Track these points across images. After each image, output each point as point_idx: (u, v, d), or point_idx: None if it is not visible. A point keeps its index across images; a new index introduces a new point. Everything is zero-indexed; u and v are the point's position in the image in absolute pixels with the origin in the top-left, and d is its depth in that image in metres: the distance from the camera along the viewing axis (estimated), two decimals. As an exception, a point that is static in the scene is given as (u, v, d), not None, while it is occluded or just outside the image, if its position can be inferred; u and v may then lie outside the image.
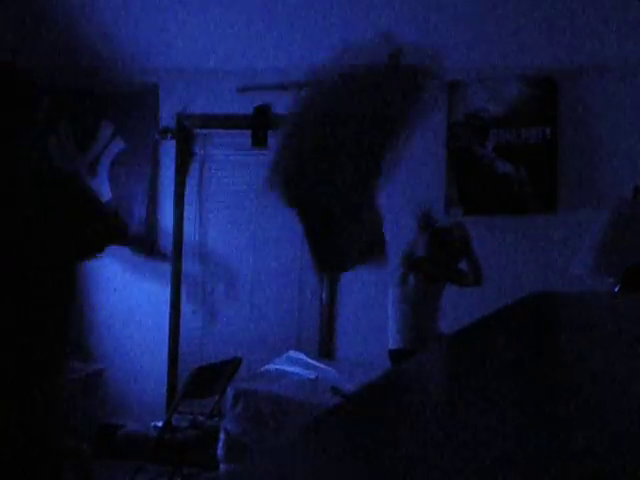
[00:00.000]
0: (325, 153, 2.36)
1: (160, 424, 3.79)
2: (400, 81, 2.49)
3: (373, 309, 4.30)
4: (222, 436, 3.40)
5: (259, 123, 4.47)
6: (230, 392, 3.43)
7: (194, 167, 4.76)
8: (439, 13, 3.92)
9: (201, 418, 3.94)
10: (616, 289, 2.56)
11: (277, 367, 3.91)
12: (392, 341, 3.57)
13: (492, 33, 4.01)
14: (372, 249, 2.67)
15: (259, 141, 4.47)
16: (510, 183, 4.16)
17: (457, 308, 3.64)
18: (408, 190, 4.32)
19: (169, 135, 4.68)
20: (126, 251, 4.69)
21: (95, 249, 1.93)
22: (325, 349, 4.45)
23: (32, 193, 1.77)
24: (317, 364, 4.06)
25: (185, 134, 4.71)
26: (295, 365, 3.96)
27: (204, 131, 4.73)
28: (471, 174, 4.24)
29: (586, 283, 3.19)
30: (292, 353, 4.23)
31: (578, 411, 0.54)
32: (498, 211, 4.20)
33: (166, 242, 4.68)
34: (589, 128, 4.14)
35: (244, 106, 4.50)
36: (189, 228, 4.76)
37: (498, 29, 3.98)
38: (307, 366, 3.99)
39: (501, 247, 4.18)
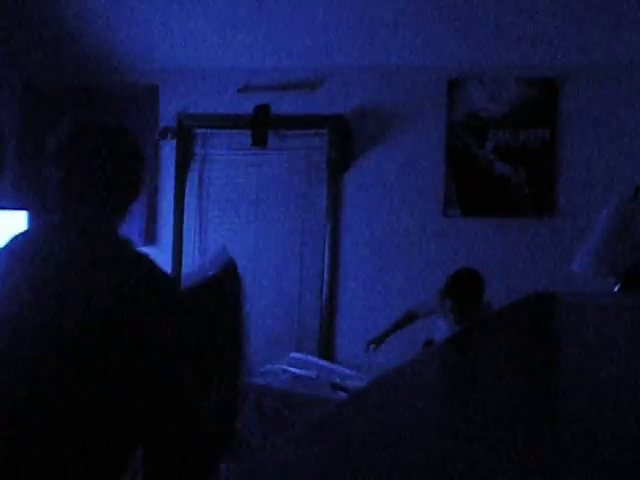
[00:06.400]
0: None
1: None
2: None
3: (374, 309, 4.30)
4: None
5: (259, 123, 4.46)
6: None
7: (194, 167, 4.76)
8: (438, 11, 3.93)
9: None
10: (616, 289, 2.55)
11: (277, 367, 3.91)
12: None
13: (493, 32, 4.01)
14: None
15: (259, 141, 4.46)
16: (508, 185, 4.16)
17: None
18: (406, 190, 4.33)
19: (169, 135, 4.68)
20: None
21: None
22: (325, 349, 4.44)
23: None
24: (318, 362, 4.06)
25: (185, 134, 4.71)
26: (296, 365, 3.96)
27: (204, 131, 4.73)
28: (470, 175, 4.23)
29: (586, 283, 3.19)
30: (293, 354, 4.22)
31: (577, 413, 0.54)
32: (496, 213, 4.19)
33: (166, 242, 4.68)
34: (589, 130, 4.13)
35: (244, 106, 4.50)
36: (189, 228, 4.76)
37: (499, 28, 3.98)
38: (308, 365, 3.99)
39: (500, 248, 4.18)
